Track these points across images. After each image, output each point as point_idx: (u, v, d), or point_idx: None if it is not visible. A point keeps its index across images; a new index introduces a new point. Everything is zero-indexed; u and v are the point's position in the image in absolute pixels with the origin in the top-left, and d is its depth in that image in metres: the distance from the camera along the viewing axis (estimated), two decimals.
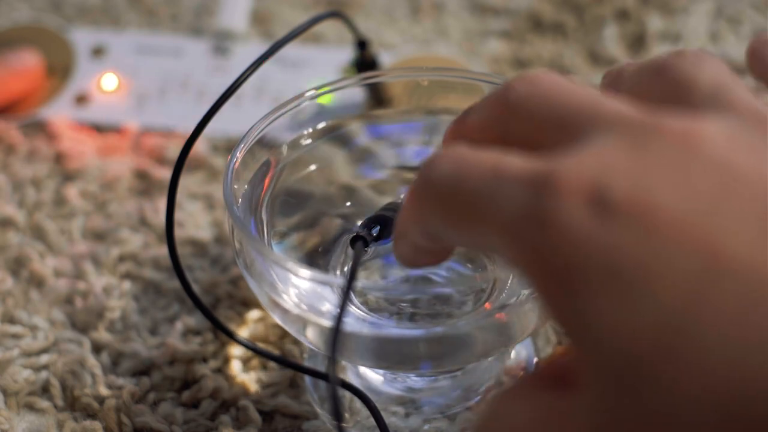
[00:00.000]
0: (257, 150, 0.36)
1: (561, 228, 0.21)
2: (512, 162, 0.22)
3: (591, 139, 0.22)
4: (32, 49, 0.55)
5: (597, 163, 0.21)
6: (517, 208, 0.22)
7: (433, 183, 0.24)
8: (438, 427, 0.36)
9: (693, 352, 0.19)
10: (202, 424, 0.38)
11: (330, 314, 0.32)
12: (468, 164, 0.23)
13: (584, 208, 0.20)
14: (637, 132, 0.21)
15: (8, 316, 0.43)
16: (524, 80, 0.24)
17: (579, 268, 0.20)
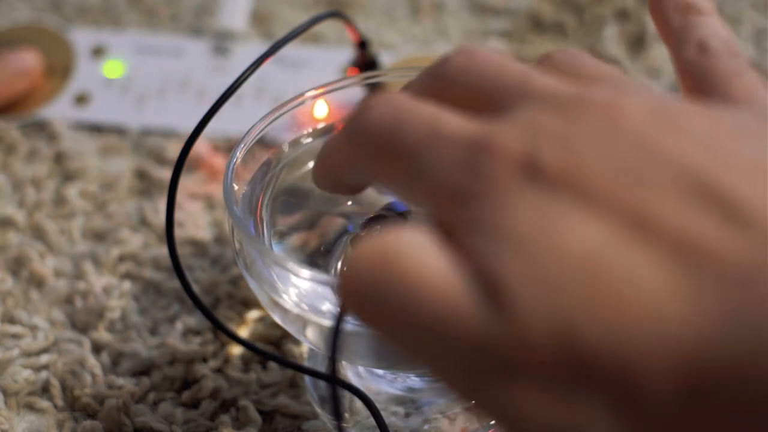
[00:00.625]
0: (257, 150, 0.36)
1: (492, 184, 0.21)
2: (450, 119, 0.23)
3: (523, 108, 0.23)
4: (32, 49, 0.55)
5: (529, 130, 0.22)
6: (451, 164, 0.22)
7: (369, 128, 0.24)
8: (438, 427, 0.36)
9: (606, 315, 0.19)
10: (202, 424, 0.38)
11: (330, 314, 0.32)
12: (407, 113, 0.23)
13: (517, 168, 0.21)
14: (564, 103, 0.22)
15: (8, 316, 0.43)
16: (461, 53, 0.25)
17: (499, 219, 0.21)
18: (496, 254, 0.21)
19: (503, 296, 0.20)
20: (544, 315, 0.20)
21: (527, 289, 0.20)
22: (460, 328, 0.20)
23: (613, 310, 0.19)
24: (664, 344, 0.19)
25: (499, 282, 0.20)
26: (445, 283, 0.21)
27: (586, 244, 0.20)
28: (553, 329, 0.19)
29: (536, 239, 0.20)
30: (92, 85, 0.55)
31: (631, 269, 0.19)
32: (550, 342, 0.19)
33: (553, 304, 0.20)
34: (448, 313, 0.21)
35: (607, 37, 0.56)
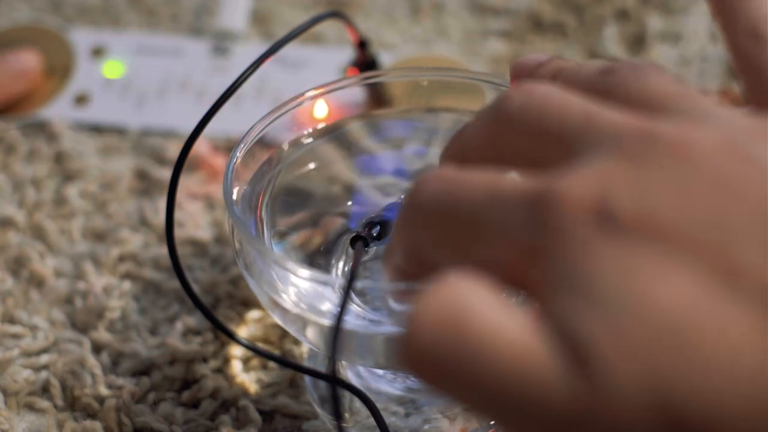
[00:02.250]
0: (257, 150, 0.36)
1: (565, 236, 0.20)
2: (508, 181, 0.22)
3: (588, 154, 0.21)
4: (32, 49, 0.55)
5: (598, 180, 0.21)
6: (518, 221, 0.21)
7: (422, 206, 0.23)
8: (438, 427, 0.36)
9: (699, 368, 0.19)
10: (202, 424, 0.38)
11: (330, 314, 0.32)
12: (459, 185, 0.23)
13: (589, 219, 0.20)
14: (633, 144, 0.21)
15: (8, 316, 0.43)
16: (519, 92, 0.24)
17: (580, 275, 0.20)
18: (579, 314, 0.19)
19: (590, 359, 0.19)
20: (635, 380, 0.19)
21: (616, 352, 0.19)
22: (543, 394, 0.19)
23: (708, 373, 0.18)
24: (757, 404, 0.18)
25: (585, 344, 0.19)
26: (523, 344, 0.20)
27: (674, 301, 0.19)
28: (646, 394, 0.19)
29: (622, 297, 0.19)
30: (92, 85, 0.55)
31: (720, 326, 0.19)
32: (641, 408, 0.19)
33: (645, 368, 0.19)
34: (529, 378, 0.19)
35: (607, 37, 0.56)
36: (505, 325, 0.20)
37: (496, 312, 0.20)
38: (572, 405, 0.19)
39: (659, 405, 0.18)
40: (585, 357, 0.19)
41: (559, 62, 0.27)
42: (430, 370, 0.20)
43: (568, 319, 0.19)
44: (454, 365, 0.20)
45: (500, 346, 0.20)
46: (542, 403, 0.19)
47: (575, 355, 0.19)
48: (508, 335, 0.20)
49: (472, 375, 0.20)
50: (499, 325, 0.20)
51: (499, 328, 0.20)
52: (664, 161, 0.21)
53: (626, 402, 0.19)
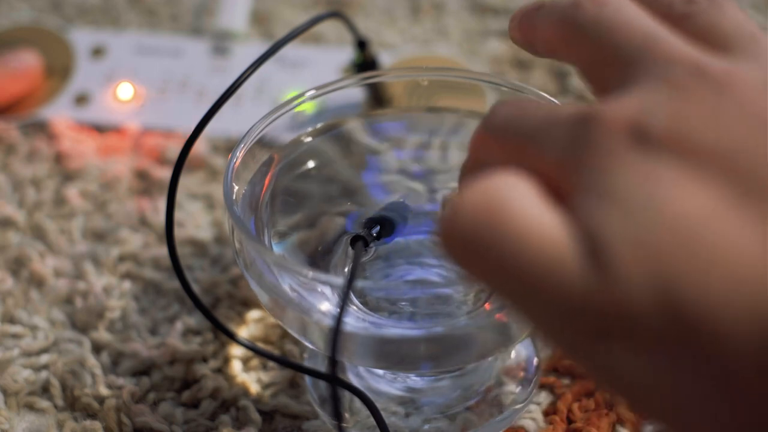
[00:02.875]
0: (257, 150, 0.36)
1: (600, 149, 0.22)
2: (565, 107, 0.24)
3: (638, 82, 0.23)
4: (32, 50, 0.55)
5: (639, 103, 0.22)
6: (563, 137, 0.23)
7: (493, 124, 0.25)
8: (438, 427, 0.36)
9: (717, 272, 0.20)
10: (202, 424, 0.38)
11: (330, 314, 0.32)
12: (526, 108, 0.25)
13: (623, 135, 0.22)
14: (681, 76, 0.23)
15: (8, 316, 0.43)
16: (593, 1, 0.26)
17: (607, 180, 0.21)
18: (601, 214, 0.21)
19: (606, 255, 0.21)
20: (645, 275, 0.20)
21: (629, 248, 0.20)
22: (562, 284, 0.21)
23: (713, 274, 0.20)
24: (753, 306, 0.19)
25: (603, 241, 0.21)
26: (550, 237, 0.21)
27: (690, 207, 0.20)
28: (653, 289, 0.20)
29: (642, 201, 0.21)
30: (92, 85, 0.55)
31: (729, 232, 0.20)
32: (649, 302, 0.20)
33: (654, 263, 0.20)
34: (551, 268, 0.21)
35: None
36: (537, 218, 0.22)
37: (531, 204, 0.22)
38: (585, 294, 0.21)
39: (663, 298, 0.20)
40: (600, 250, 0.21)
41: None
42: (464, 252, 0.22)
43: (590, 215, 0.21)
44: (486, 249, 0.22)
45: (530, 235, 0.21)
46: (559, 291, 0.21)
47: (592, 248, 0.21)
48: (539, 227, 0.21)
49: (502, 259, 0.21)
50: (532, 217, 0.22)
51: (532, 219, 0.22)
52: (706, 92, 0.22)
53: (633, 293, 0.20)
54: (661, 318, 0.20)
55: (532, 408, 0.38)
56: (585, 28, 0.26)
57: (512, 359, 0.39)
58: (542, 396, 0.38)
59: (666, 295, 0.20)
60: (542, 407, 0.38)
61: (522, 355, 0.39)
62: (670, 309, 0.20)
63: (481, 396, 0.37)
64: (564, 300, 0.21)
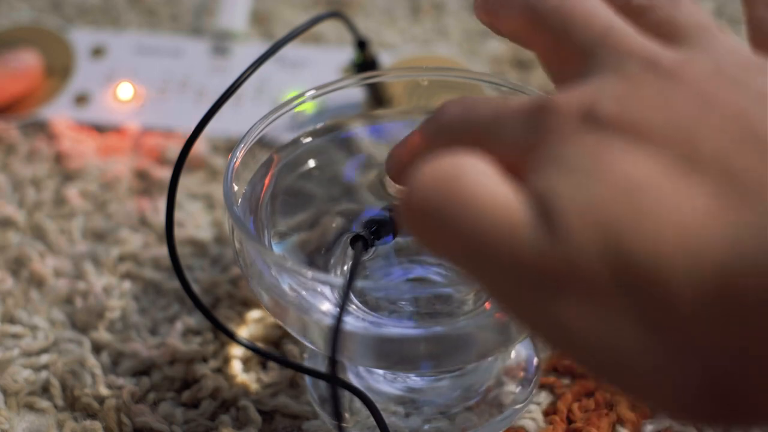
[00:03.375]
0: (257, 150, 0.36)
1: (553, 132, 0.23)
2: (516, 100, 0.25)
3: (594, 75, 0.24)
4: (32, 49, 0.55)
5: (592, 92, 0.24)
6: (518, 130, 0.24)
7: (443, 122, 0.27)
8: (438, 427, 0.36)
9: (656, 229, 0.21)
10: (202, 424, 0.38)
11: (330, 314, 0.32)
12: (475, 105, 0.26)
13: (576, 119, 0.23)
14: (634, 67, 0.24)
15: (8, 316, 0.43)
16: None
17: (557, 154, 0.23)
18: (550, 180, 0.22)
19: (555, 216, 0.22)
20: (591, 232, 0.21)
21: (577, 208, 0.21)
22: (515, 247, 0.22)
23: (658, 227, 0.21)
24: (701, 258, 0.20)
25: (552, 203, 0.22)
26: (503, 204, 0.22)
27: (634, 172, 0.22)
28: (601, 245, 0.21)
29: (589, 168, 0.22)
30: (92, 85, 0.55)
31: (675, 193, 0.21)
32: (597, 256, 0.21)
33: (601, 222, 0.21)
34: (505, 233, 0.22)
35: None
36: (492, 188, 0.23)
37: (487, 178, 0.23)
38: (537, 255, 0.22)
39: (610, 252, 0.21)
40: (550, 212, 0.22)
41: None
42: (425, 226, 0.23)
43: (542, 186, 0.22)
44: (446, 221, 0.23)
45: (485, 204, 0.22)
46: (512, 255, 0.22)
47: (542, 211, 0.22)
48: (493, 196, 0.22)
49: (461, 230, 0.22)
50: (486, 187, 0.23)
51: (486, 189, 0.23)
52: (656, 82, 0.23)
53: (582, 250, 0.21)
54: (607, 271, 0.21)
55: (532, 408, 0.38)
56: (546, 17, 0.27)
57: (512, 359, 0.39)
58: (542, 396, 0.38)
59: (612, 249, 0.21)
60: (542, 407, 0.38)
61: (522, 355, 0.39)
62: (616, 261, 0.21)
63: (481, 396, 0.37)
64: (517, 263, 0.22)
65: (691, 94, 0.23)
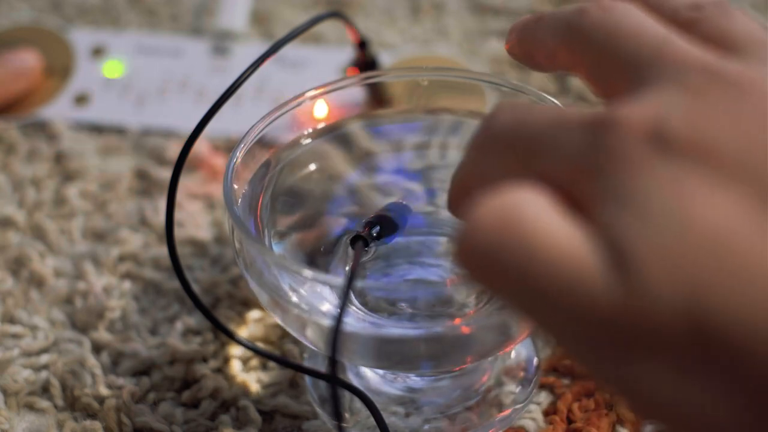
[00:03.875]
0: (257, 150, 0.36)
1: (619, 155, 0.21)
2: (573, 111, 0.23)
3: (652, 86, 0.23)
4: (32, 49, 0.55)
5: (657, 107, 0.22)
6: (577, 145, 0.22)
7: (495, 132, 0.24)
8: (438, 427, 0.36)
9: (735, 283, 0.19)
10: (202, 424, 0.38)
11: (330, 314, 0.32)
12: (529, 113, 0.24)
13: (644, 141, 0.21)
14: (697, 79, 0.22)
15: (8, 316, 0.43)
16: (597, 6, 0.25)
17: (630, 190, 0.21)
18: (626, 223, 0.20)
19: (632, 266, 0.20)
20: (673, 287, 0.19)
21: (658, 260, 0.20)
22: (585, 296, 0.20)
23: (741, 284, 0.19)
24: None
25: (629, 251, 0.20)
26: (571, 247, 0.21)
27: (717, 217, 0.20)
28: (681, 300, 0.19)
29: (668, 210, 0.20)
30: (92, 85, 0.55)
31: (759, 243, 0.19)
32: (677, 315, 0.19)
33: (683, 276, 0.19)
34: (574, 280, 0.20)
35: None
36: (556, 230, 0.21)
37: (550, 218, 0.21)
38: (609, 308, 0.20)
39: (691, 314, 0.19)
40: (625, 262, 0.20)
41: None
42: (484, 270, 0.22)
43: (614, 226, 0.21)
44: (504, 264, 0.21)
45: (549, 248, 0.21)
46: (583, 304, 0.20)
47: (616, 261, 0.20)
48: (558, 240, 0.21)
49: (520, 273, 0.21)
50: (550, 230, 0.21)
51: (550, 232, 0.21)
52: (723, 96, 0.22)
53: (660, 307, 0.19)
54: (689, 331, 0.19)
55: (532, 408, 0.38)
56: (592, 33, 0.25)
57: (512, 359, 0.39)
58: (542, 396, 0.38)
59: (693, 308, 0.19)
60: (542, 407, 0.38)
61: (522, 355, 0.39)
62: (699, 322, 0.19)
63: (481, 396, 0.37)
64: (589, 313, 0.20)
65: (760, 112, 0.21)
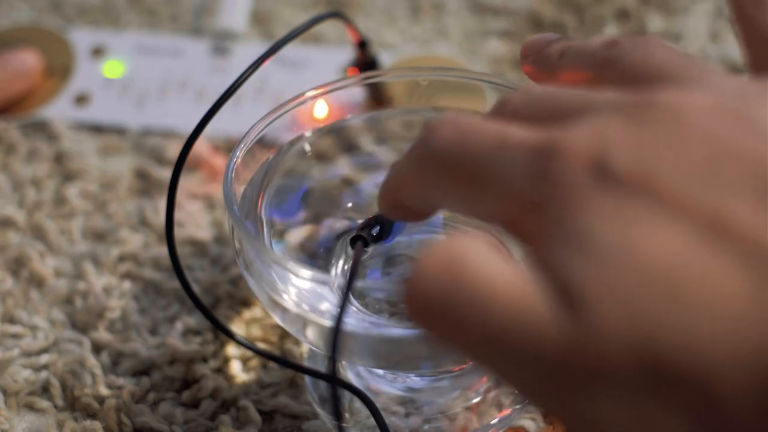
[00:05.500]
0: (257, 150, 0.36)
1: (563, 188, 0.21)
2: (516, 132, 0.23)
3: (588, 116, 0.22)
4: (32, 49, 0.55)
5: (597, 135, 0.21)
6: (520, 172, 0.22)
7: (436, 149, 0.24)
8: (438, 427, 0.36)
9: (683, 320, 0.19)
10: (202, 424, 0.38)
11: (330, 314, 0.32)
12: (472, 132, 0.23)
13: (587, 172, 0.21)
14: (630, 108, 0.22)
15: (8, 316, 0.43)
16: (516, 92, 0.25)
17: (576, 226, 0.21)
18: (573, 262, 0.20)
19: (581, 305, 0.20)
20: (622, 324, 0.19)
21: (606, 298, 0.20)
22: (535, 337, 0.20)
23: (691, 319, 0.19)
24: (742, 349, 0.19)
25: (577, 290, 0.20)
26: (518, 290, 0.21)
27: (663, 252, 0.20)
28: (632, 338, 0.19)
29: (614, 247, 0.20)
30: (92, 85, 0.55)
31: (707, 276, 0.19)
32: (628, 351, 0.19)
33: (632, 313, 0.19)
34: (523, 322, 0.20)
35: None
36: (499, 272, 0.21)
37: (492, 261, 0.21)
38: (560, 348, 0.20)
39: (641, 350, 0.19)
40: (575, 300, 0.20)
41: (566, 41, 0.28)
42: (428, 314, 0.22)
43: (561, 265, 0.20)
44: (454, 311, 0.21)
45: (494, 290, 0.21)
46: (532, 346, 0.20)
47: (565, 299, 0.20)
48: (502, 281, 0.21)
49: (468, 320, 0.21)
50: (493, 272, 0.21)
51: (493, 274, 0.21)
52: (661, 121, 0.21)
53: (611, 345, 0.19)
54: (642, 368, 0.19)
55: (532, 408, 0.38)
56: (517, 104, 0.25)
57: None
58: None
59: (644, 343, 0.19)
60: None
61: None
62: (651, 358, 0.19)
63: (481, 396, 0.37)
64: (539, 355, 0.20)
65: (698, 137, 0.21)
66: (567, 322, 0.20)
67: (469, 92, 0.38)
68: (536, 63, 0.29)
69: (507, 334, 0.20)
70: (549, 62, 0.28)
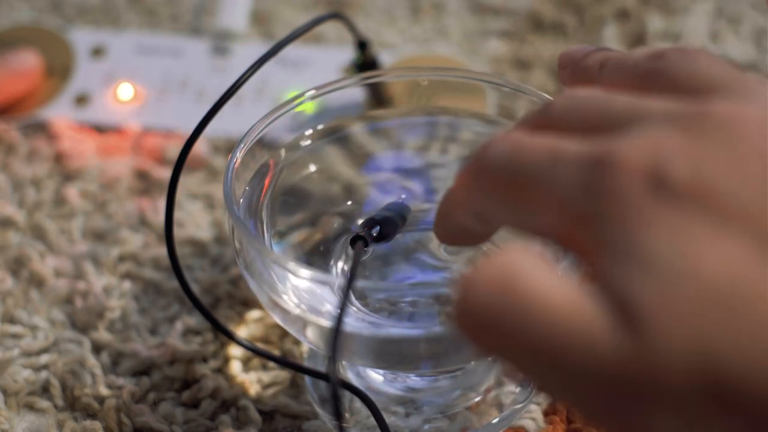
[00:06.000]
0: (257, 150, 0.36)
1: (620, 201, 0.21)
2: (569, 145, 0.23)
3: (640, 127, 0.22)
4: (32, 49, 0.55)
5: (653, 146, 0.21)
6: (575, 185, 0.22)
7: (490, 165, 0.24)
8: (438, 427, 0.36)
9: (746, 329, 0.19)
10: (202, 424, 0.38)
11: (330, 314, 0.32)
12: (525, 147, 0.23)
13: (644, 184, 0.21)
14: (685, 120, 0.22)
15: (8, 316, 0.43)
16: (561, 96, 0.25)
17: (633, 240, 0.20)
18: (631, 277, 0.20)
19: (640, 322, 0.19)
20: (683, 341, 0.19)
21: (666, 315, 0.19)
22: (592, 353, 0.20)
23: (754, 335, 0.19)
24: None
25: (636, 307, 0.20)
26: (574, 305, 0.20)
27: (724, 266, 0.19)
28: (694, 356, 0.19)
29: (672, 261, 0.20)
30: (92, 85, 0.55)
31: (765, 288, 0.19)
32: (689, 368, 0.19)
33: (693, 330, 0.19)
34: (579, 338, 0.20)
35: (607, 37, 0.56)
36: (555, 287, 0.21)
37: (546, 275, 0.21)
38: (619, 364, 0.20)
39: (703, 367, 0.19)
40: (634, 317, 0.20)
41: (606, 52, 0.28)
42: (481, 331, 0.21)
43: (619, 281, 0.20)
44: (504, 326, 0.21)
45: (549, 306, 0.20)
46: (588, 362, 0.20)
47: (625, 316, 0.20)
48: (558, 297, 0.20)
49: (522, 335, 0.20)
50: (548, 287, 0.20)
51: (548, 290, 0.20)
52: (717, 134, 0.21)
53: (672, 362, 0.19)
54: (704, 385, 0.19)
55: (532, 408, 0.38)
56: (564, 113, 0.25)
57: None
58: (542, 396, 0.38)
59: (706, 361, 0.19)
60: (542, 407, 0.38)
61: None
62: (713, 375, 0.19)
63: (481, 396, 0.37)
64: (595, 372, 0.20)
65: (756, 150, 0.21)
66: (625, 339, 0.20)
67: (469, 92, 0.38)
68: (575, 74, 0.29)
69: (562, 350, 0.20)
70: (588, 73, 0.28)
